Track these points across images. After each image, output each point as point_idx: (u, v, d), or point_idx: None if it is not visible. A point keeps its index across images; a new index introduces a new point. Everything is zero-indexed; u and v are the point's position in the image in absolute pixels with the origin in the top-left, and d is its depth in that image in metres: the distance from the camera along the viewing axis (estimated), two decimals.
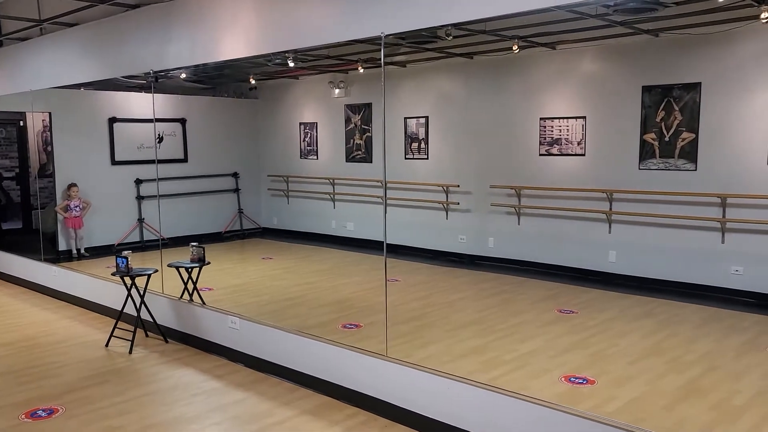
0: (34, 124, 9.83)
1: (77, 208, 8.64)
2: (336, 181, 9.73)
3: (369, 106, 9.27)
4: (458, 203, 8.34)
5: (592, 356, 4.67)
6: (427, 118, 8.64)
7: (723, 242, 6.28)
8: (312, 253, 9.18)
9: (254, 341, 4.76)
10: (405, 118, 8.82)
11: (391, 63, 8.31)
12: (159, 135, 9.50)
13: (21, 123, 10.14)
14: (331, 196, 9.84)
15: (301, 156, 10.37)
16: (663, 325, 5.40)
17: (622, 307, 6.01)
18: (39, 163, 10.09)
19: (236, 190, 10.54)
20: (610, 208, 7.02)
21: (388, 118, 8.33)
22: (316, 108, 10.06)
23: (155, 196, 7.84)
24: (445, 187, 8.42)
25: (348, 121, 9.58)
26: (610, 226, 7.07)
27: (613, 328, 5.36)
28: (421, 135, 8.73)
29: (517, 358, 4.64)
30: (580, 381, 4.18)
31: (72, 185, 8.62)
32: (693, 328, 5.36)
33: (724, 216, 6.23)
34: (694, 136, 6.38)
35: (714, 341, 5.01)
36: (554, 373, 4.31)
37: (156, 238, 8.64)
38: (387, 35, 3.91)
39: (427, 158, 8.68)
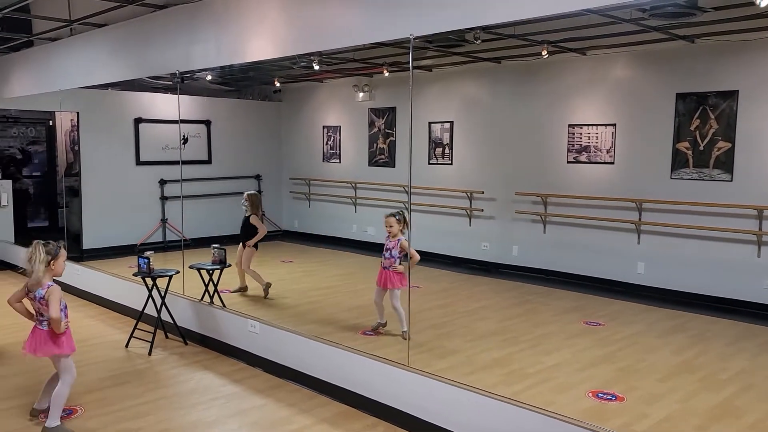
0: (63, 123, 9.96)
1: (397, 261, 5.02)
2: (358, 185, 9.67)
3: (393, 110, 9.19)
4: (482, 210, 8.22)
5: (620, 371, 4.51)
6: (452, 123, 8.54)
7: (759, 256, 6.06)
8: (332, 257, 9.12)
9: (273, 346, 4.70)
10: (429, 123, 8.72)
11: (417, 67, 8.23)
12: (184, 136, 9.55)
13: (50, 122, 10.28)
14: (353, 200, 9.77)
15: (323, 159, 10.33)
16: (694, 341, 5.22)
17: (651, 320, 5.84)
18: (66, 162, 10.21)
19: (258, 193, 10.53)
20: (640, 218, 6.83)
21: (413, 123, 8.23)
22: (340, 111, 10.02)
23: (179, 197, 7.87)
24: (469, 194, 8.30)
25: (372, 125, 9.52)
26: (639, 237, 6.88)
27: (642, 342, 5.19)
28: (446, 140, 8.62)
29: (542, 371, 4.51)
30: (609, 397, 4.04)
31: (395, 214, 5.09)
32: (726, 344, 5.17)
33: (760, 229, 6.01)
34: (730, 145, 6.18)
35: (748, 359, 4.82)
36: (581, 388, 4.17)
37: (178, 238, 8.66)
38: (416, 37, 3.83)
39: (452, 164, 8.57)
